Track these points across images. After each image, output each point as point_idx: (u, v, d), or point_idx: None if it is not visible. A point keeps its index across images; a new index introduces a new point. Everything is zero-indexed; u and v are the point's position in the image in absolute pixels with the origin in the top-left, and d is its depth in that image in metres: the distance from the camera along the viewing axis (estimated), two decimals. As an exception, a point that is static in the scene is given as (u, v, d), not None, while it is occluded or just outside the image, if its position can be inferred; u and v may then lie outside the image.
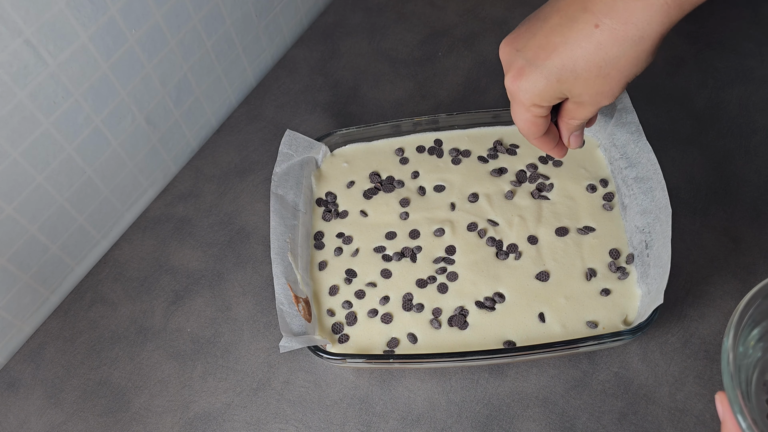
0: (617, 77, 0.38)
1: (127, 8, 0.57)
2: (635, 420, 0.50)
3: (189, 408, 0.54)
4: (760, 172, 0.61)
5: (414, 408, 0.52)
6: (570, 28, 0.38)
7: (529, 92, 0.41)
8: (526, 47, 0.40)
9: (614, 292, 0.53)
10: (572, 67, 0.38)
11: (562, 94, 0.41)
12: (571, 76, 0.39)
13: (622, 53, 0.37)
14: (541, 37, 0.39)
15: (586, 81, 0.39)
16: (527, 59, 0.40)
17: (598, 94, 0.40)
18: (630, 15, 0.36)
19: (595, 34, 0.37)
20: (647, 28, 0.36)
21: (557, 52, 0.38)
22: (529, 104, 0.42)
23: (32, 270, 0.58)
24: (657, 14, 0.35)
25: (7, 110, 0.50)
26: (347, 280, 0.57)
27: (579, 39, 0.37)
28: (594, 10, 0.37)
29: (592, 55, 0.37)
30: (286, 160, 0.60)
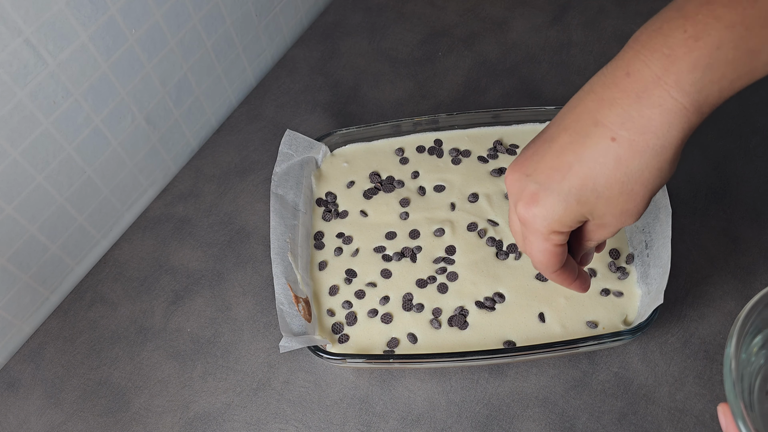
0: (642, 192, 0.35)
1: (127, 8, 0.57)
2: (635, 420, 0.50)
3: (189, 408, 0.54)
4: (759, 173, 0.61)
5: (414, 408, 0.52)
6: (583, 144, 0.35)
7: (546, 219, 0.37)
8: (536, 171, 0.37)
9: (614, 292, 0.53)
10: (592, 186, 0.35)
11: (583, 217, 0.37)
12: (592, 196, 0.35)
13: (645, 165, 0.34)
14: (552, 157, 0.36)
15: (608, 200, 0.35)
16: (540, 183, 0.36)
17: (623, 213, 0.36)
18: (648, 123, 0.33)
19: (612, 148, 0.34)
20: (667, 135, 0.33)
21: (573, 172, 0.35)
22: (547, 232, 0.37)
23: (32, 270, 0.58)
24: (676, 120, 0.32)
25: (6, 110, 0.50)
26: (347, 280, 0.57)
27: (595, 155, 0.34)
28: (607, 123, 0.34)
29: (612, 170, 0.34)
30: (286, 160, 0.60)
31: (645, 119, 0.33)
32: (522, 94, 0.70)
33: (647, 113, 0.33)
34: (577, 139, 0.35)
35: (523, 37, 0.75)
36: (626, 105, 0.33)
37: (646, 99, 0.32)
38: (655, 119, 0.32)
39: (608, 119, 0.34)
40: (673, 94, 0.32)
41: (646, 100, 0.32)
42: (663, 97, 0.32)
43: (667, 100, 0.32)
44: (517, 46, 0.75)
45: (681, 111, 0.32)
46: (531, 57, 0.73)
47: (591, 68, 0.71)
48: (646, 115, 0.33)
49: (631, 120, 0.33)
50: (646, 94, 0.32)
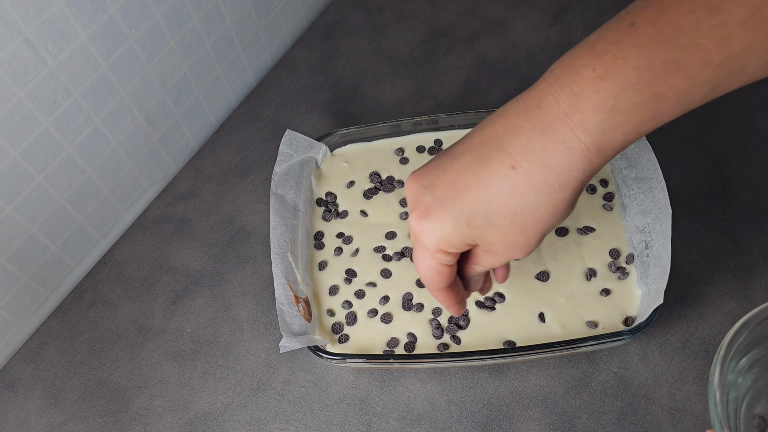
0: (534, 228, 0.34)
1: (127, 8, 0.57)
2: (635, 420, 0.50)
3: (189, 408, 0.54)
4: (759, 172, 0.61)
5: (414, 408, 0.52)
6: (483, 167, 0.34)
7: (434, 235, 0.36)
8: (434, 185, 0.36)
9: (614, 292, 0.53)
10: (485, 210, 0.34)
11: (472, 241, 0.36)
12: (483, 220, 0.34)
13: (540, 200, 0.33)
14: (452, 174, 0.35)
15: (500, 228, 0.34)
16: (435, 197, 0.36)
17: (513, 245, 0.35)
18: (549, 158, 0.32)
19: (510, 176, 0.33)
20: (566, 174, 0.32)
21: (468, 192, 0.34)
22: (434, 249, 0.37)
23: (32, 270, 0.58)
24: (578, 160, 0.32)
25: (6, 110, 0.50)
26: (347, 280, 0.57)
27: (493, 180, 0.34)
28: (510, 150, 0.33)
29: (507, 199, 0.33)
30: (286, 160, 0.60)
31: (547, 154, 0.32)
32: (522, 94, 0.70)
33: (551, 148, 0.32)
34: (479, 161, 0.34)
35: (523, 37, 0.75)
36: (532, 136, 0.32)
37: (552, 134, 0.32)
38: (557, 156, 0.32)
39: (512, 147, 0.33)
40: (577, 133, 0.31)
41: (551, 135, 0.32)
42: (567, 135, 0.32)
43: (572, 138, 0.31)
44: (517, 46, 0.75)
45: (583, 151, 0.32)
46: (531, 57, 0.73)
47: (591, 68, 0.71)
48: (549, 149, 0.32)
49: (534, 152, 0.32)
50: (552, 129, 0.32)
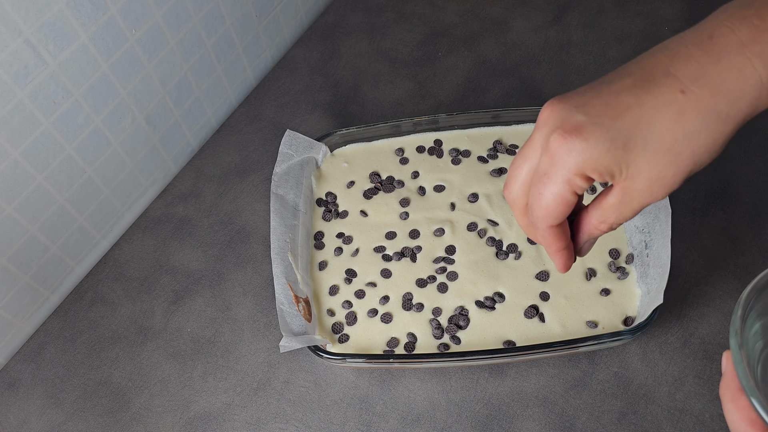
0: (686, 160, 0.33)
1: (127, 8, 0.57)
2: (635, 420, 0.50)
3: (189, 408, 0.54)
4: (759, 172, 0.61)
5: (414, 408, 0.52)
6: (647, 90, 0.32)
7: (583, 155, 0.33)
8: (587, 104, 0.33)
9: (614, 291, 0.53)
10: (645, 132, 0.32)
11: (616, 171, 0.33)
12: (641, 143, 0.32)
13: (703, 128, 0.32)
14: (609, 95, 0.33)
15: (654, 154, 0.32)
16: (589, 115, 0.33)
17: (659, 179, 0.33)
18: (722, 84, 0.31)
19: (678, 100, 0.32)
20: (736, 104, 0.31)
21: (630, 113, 0.32)
22: (575, 172, 0.33)
23: (32, 270, 0.58)
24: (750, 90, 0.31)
25: (7, 110, 0.50)
26: (347, 280, 0.57)
27: (658, 102, 0.32)
28: (679, 75, 0.32)
29: (671, 122, 0.32)
30: (286, 160, 0.61)
31: (721, 80, 0.31)
32: (522, 94, 0.70)
33: (725, 74, 0.31)
34: (641, 84, 0.33)
35: (523, 37, 0.75)
36: (705, 63, 0.32)
37: (727, 61, 0.31)
38: (731, 83, 0.31)
39: (681, 72, 0.32)
40: (755, 64, 0.31)
41: (726, 62, 0.31)
42: (743, 64, 0.31)
43: (747, 67, 0.31)
44: (517, 46, 0.75)
45: (757, 83, 0.31)
46: (531, 57, 0.73)
47: (591, 68, 0.71)
48: (723, 75, 0.31)
49: (707, 77, 0.31)
50: (727, 56, 0.31)
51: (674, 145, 0.32)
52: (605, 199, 0.36)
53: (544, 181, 0.35)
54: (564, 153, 0.33)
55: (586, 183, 0.34)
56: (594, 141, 0.33)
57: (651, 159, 0.33)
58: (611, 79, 0.34)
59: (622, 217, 0.36)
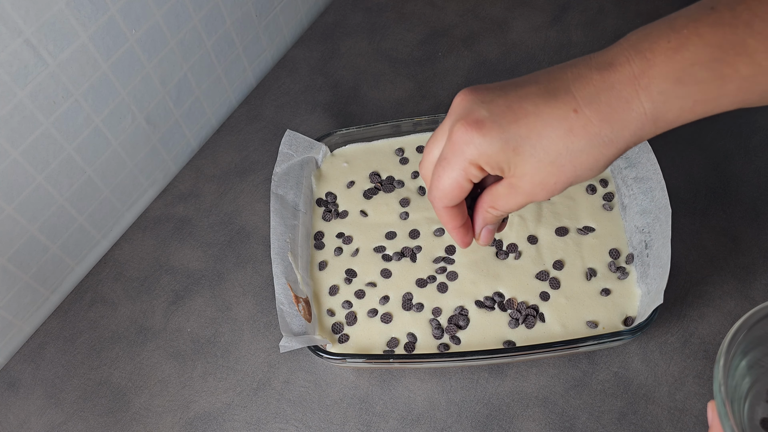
0: (568, 173, 0.36)
1: (127, 8, 0.57)
2: (635, 420, 0.50)
3: (189, 408, 0.54)
4: (759, 172, 0.61)
5: (414, 408, 0.52)
6: (547, 102, 0.35)
7: (479, 149, 0.36)
8: (493, 102, 0.36)
9: (614, 291, 0.53)
10: (534, 141, 0.35)
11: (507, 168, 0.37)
12: (529, 151, 0.35)
13: (587, 149, 0.35)
14: (513, 98, 0.36)
15: (539, 162, 0.36)
16: (492, 113, 0.36)
17: (541, 184, 0.37)
18: (610, 113, 0.34)
19: (570, 118, 0.34)
20: (620, 132, 0.34)
21: (526, 120, 0.35)
22: (470, 161, 0.37)
23: (32, 270, 0.58)
24: (633, 122, 0.34)
25: (7, 110, 0.50)
26: (347, 280, 0.57)
27: (552, 117, 0.35)
28: (577, 94, 0.35)
29: (559, 137, 0.35)
30: (286, 160, 0.61)
31: (610, 108, 0.34)
32: (522, 94, 0.70)
33: (614, 104, 0.34)
34: (544, 95, 0.35)
35: (523, 37, 0.75)
36: (600, 88, 0.34)
37: (618, 91, 0.34)
38: (618, 113, 0.34)
39: (579, 92, 0.34)
40: (641, 96, 0.33)
41: (617, 92, 0.34)
42: (631, 96, 0.33)
43: (634, 100, 0.33)
44: (517, 46, 0.75)
45: (641, 116, 0.34)
46: (531, 57, 0.73)
47: (591, 68, 0.71)
48: (612, 104, 0.34)
49: (598, 103, 0.34)
50: (619, 87, 0.34)
51: (558, 158, 0.35)
52: (495, 187, 0.39)
53: (444, 165, 0.38)
54: (463, 143, 0.36)
55: (479, 173, 0.37)
56: (490, 138, 0.35)
57: (535, 166, 0.36)
58: (521, 83, 0.37)
59: (508, 207, 0.39)
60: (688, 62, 0.32)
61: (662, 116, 0.34)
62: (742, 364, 0.34)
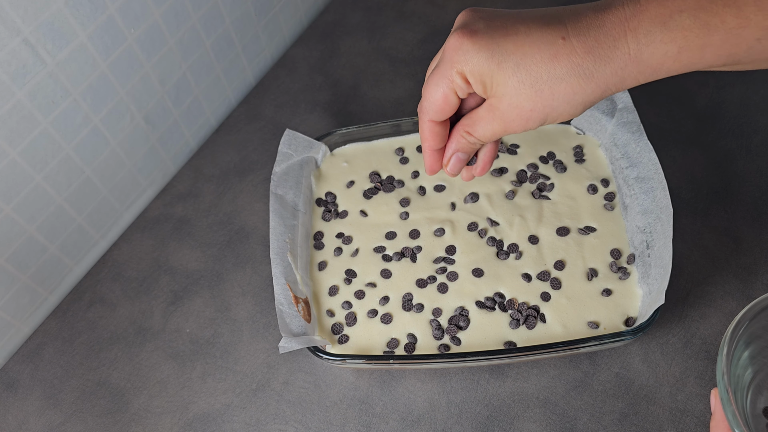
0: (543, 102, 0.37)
1: (126, 7, 0.56)
2: (636, 420, 0.50)
3: (188, 409, 0.54)
4: (761, 172, 0.61)
5: (414, 409, 0.52)
6: (538, 27, 0.37)
7: (466, 55, 0.38)
8: (490, 17, 0.38)
9: (615, 292, 0.53)
10: (519, 60, 0.37)
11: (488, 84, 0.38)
12: (512, 68, 0.37)
13: (567, 77, 0.36)
14: (511, 19, 0.38)
15: (520, 84, 0.37)
16: (488, 26, 0.38)
17: (517, 107, 0.38)
18: (595, 47, 0.36)
19: (557, 44, 0.36)
20: (601, 68, 0.36)
21: (515, 37, 0.37)
22: (457, 69, 0.38)
23: (31, 270, 0.58)
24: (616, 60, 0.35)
25: (5, 110, 0.50)
26: (347, 281, 0.57)
27: (541, 39, 0.36)
28: (568, 25, 0.36)
29: (543, 60, 0.36)
30: (286, 159, 0.60)
31: (596, 43, 0.36)
32: (522, 94, 0.70)
33: (601, 39, 0.36)
34: (537, 20, 0.37)
35: (523, 36, 0.75)
36: (591, 25, 0.36)
37: (607, 29, 0.36)
38: (602, 49, 0.36)
39: (570, 23, 0.36)
40: (627, 37, 0.35)
41: (606, 30, 0.36)
42: (619, 35, 0.35)
43: (621, 40, 0.35)
44: (518, 45, 0.74)
45: (625, 56, 0.35)
46: (531, 56, 0.73)
47: (591, 67, 0.71)
48: (599, 39, 0.36)
49: (586, 36, 0.36)
50: (609, 26, 0.35)
51: (537, 82, 0.37)
52: (476, 110, 0.41)
53: (435, 75, 0.40)
54: (454, 50, 0.38)
55: (465, 85, 0.39)
56: (479, 47, 0.37)
57: (515, 86, 0.37)
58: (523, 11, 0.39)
59: (483, 133, 0.41)
60: (676, 8, 0.34)
61: (646, 59, 0.35)
62: (745, 355, 0.34)
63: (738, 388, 0.33)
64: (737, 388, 0.33)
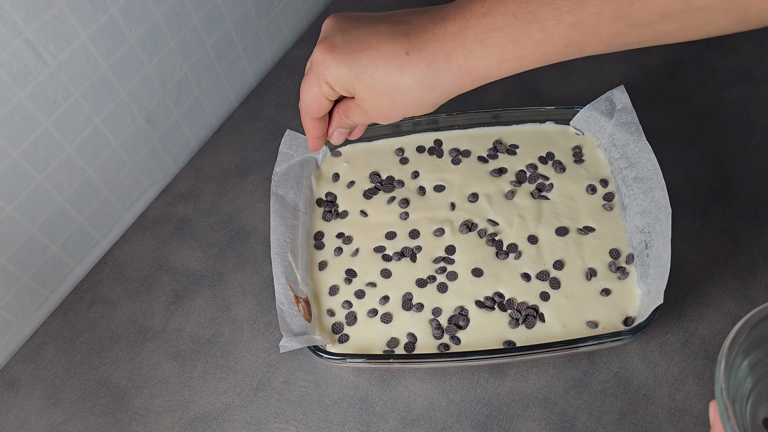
0: (399, 106, 0.42)
1: (127, 8, 0.57)
2: (635, 420, 0.50)
3: (189, 408, 0.54)
4: (759, 172, 0.61)
5: (414, 408, 0.52)
6: (388, 41, 0.40)
7: (329, 69, 0.42)
8: (348, 31, 0.42)
9: (614, 292, 0.53)
10: (372, 73, 0.41)
11: (354, 91, 0.42)
12: (368, 80, 0.41)
13: (413, 89, 0.40)
14: (365, 31, 0.41)
15: (376, 92, 0.41)
16: (345, 41, 0.41)
17: (378, 109, 0.43)
18: (433, 61, 0.39)
19: (402, 59, 0.40)
20: (440, 79, 0.39)
21: (368, 52, 0.40)
22: (323, 80, 0.42)
23: (32, 270, 0.58)
24: (451, 72, 0.39)
25: (7, 110, 0.50)
26: (347, 280, 0.57)
27: (388, 55, 0.40)
28: (412, 39, 0.40)
29: (392, 73, 0.40)
30: (286, 160, 0.60)
31: (434, 58, 0.39)
32: (522, 94, 0.70)
33: (437, 54, 0.39)
34: (387, 33, 0.40)
35: (523, 37, 0.75)
36: (431, 39, 0.39)
37: (441, 45, 0.39)
38: (439, 63, 0.39)
39: (415, 39, 0.40)
40: (457, 52, 0.39)
41: (441, 45, 0.39)
42: (451, 50, 0.39)
43: (452, 54, 0.39)
44: (517, 46, 0.74)
45: (457, 69, 0.39)
46: (531, 57, 0.73)
47: (590, 68, 0.71)
48: (436, 55, 0.39)
49: (426, 51, 0.39)
50: (443, 41, 0.39)
51: (390, 91, 0.41)
52: (348, 102, 0.45)
53: (305, 80, 0.44)
54: (318, 63, 0.42)
55: (332, 92, 0.43)
56: (338, 62, 0.41)
57: (372, 94, 0.42)
58: (378, 19, 0.42)
59: (357, 120, 0.45)
60: (490, 28, 0.37)
61: (474, 71, 0.39)
62: (744, 365, 0.34)
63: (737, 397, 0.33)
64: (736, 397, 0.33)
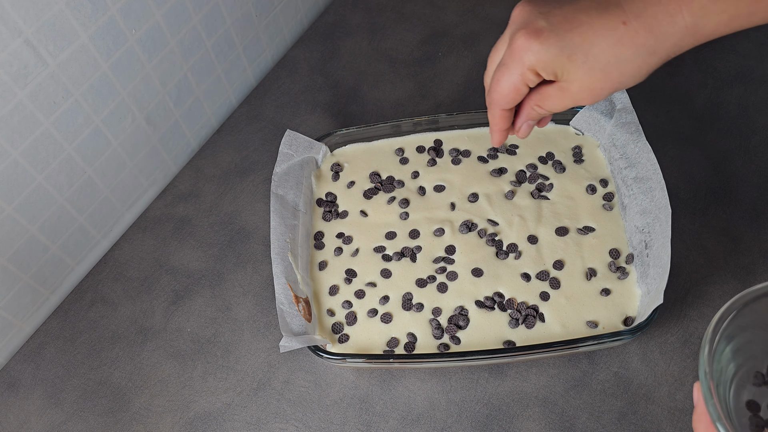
0: (614, 80, 0.40)
1: (127, 8, 0.57)
2: (635, 420, 0.50)
3: (189, 408, 0.54)
4: (759, 172, 0.61)
5: (414, 408, 0.52)
6: (599, 14, 0.38)
7: (537, 55, 0.40)
8: (551, 13, 0.40)
9: (614, 291, 0.53)
10: (587, 50, 0.39)
11: (561, 73, 0.40)
12: (581, 58, 0.39)
13: (633, 58, 0.38)
14: (569, 9, 0.39)
15: (590, 69, 0.39)
16: (550, 23, 0.39)
17: (589, 89, 0.41)
18: (655, 25, 0.37)
19: (619, 29, 0.38)
20: (663, 42, 0.38)
21: (580, 29, 0.39)
22: (529, 67, 0.40)
23: (32, 270, 0.58)
24: (675, 34, 0.37)
25: (7, 110, 0.50)
26: (347, 280, 0.57)
27: (603, 28, 0.38)
28: (626, 8, 0.38)
29: (609, 46, 0.38)
30: (287, 160, 0.61)
31: (656, 21, 0.37)
32: (522, 94, 0.70)
33: (660, 17, 0.37)
34: (596, 7, 0.39)
35: (522, 37, 0.75)
36: (648, 3, 0.37)
37: (664, 6, 0.37)
38: (663, 25, 0.37)
39: (629, 6, 0.38)
40: (683, 11, 0.37)
41: (663, 6, 0.37)
42: (675, 11, 0.37)
43: (677, 14, 0.37)
44: (517, 46, 0.74)
45: (682, 29, 0.37)
46: (531, 57, 0.73)
47: (591, 68, 0.71)
48: (658, 18, 0.37)
49: (645, 16, 0.37)
50: (665, 2, 0.37)
51: (606, 66, 0.39)
52: (545, 88, 0.42)
53: (503, 70, 0.42)
54: (522, 51, 0.40)
55: (536, 78, 0.41)
56: (548, 46, 0.39)
57: (586, 72, 0.40)
58: None
59: (553, 108, 0.43)
60: None
61: (701, 29, 0.37)
62: (727, 350, 0.35)
63: (721, 381, 0.34)
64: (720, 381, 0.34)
